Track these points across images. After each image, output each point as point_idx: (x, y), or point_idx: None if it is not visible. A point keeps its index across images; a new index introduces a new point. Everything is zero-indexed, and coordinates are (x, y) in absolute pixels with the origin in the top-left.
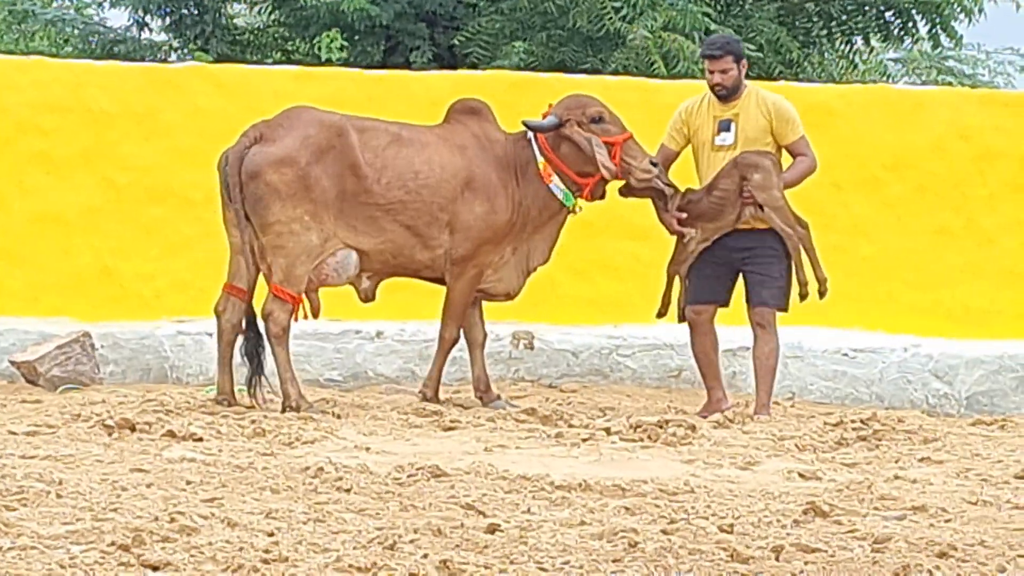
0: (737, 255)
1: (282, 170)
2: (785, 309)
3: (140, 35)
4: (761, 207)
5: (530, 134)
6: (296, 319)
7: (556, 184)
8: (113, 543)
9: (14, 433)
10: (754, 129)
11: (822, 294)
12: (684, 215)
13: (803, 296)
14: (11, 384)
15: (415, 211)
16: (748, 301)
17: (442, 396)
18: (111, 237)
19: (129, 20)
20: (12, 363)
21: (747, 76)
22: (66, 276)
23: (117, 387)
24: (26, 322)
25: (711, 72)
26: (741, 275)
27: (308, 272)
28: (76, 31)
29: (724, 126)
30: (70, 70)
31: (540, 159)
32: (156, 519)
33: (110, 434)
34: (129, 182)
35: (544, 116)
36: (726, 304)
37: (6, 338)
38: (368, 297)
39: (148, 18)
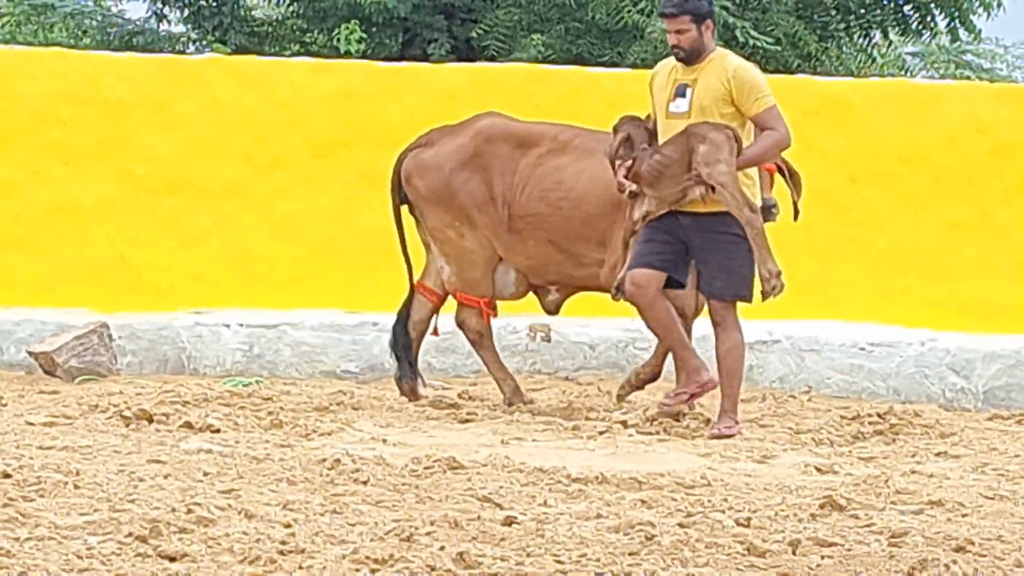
0: (687, 234)
1: (427, 176)
2: (746, 299)
3: (158, 27)
4: (714, 187)
5: None
6: (488, 320)
7: None
8: (130, 534)
9: (32, 424)
10: (710, 97)
11: (764, 294)
12: (630, 164)
13: (764, 294)
14: (29, 375)
15: (554, 225)
16: (701, 292)
17: (459, 390)
18: (128, 228)
19: (147, 12)
20: (30, 354)
21: (764, 69)
22: (82, 267)
23: (135, 378)
24: (43, 313)
25: (668, 32)
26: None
27: (484, 276)
28: (94, 23)
29: (680, 91)
30: (88, 61)
31: None
32: (173, 510)
33: (127, 425)
34: (146, 173)
35: None
36: (681, 284)
37: (24, 328)
38: (552, 310)
39: (166, 10)
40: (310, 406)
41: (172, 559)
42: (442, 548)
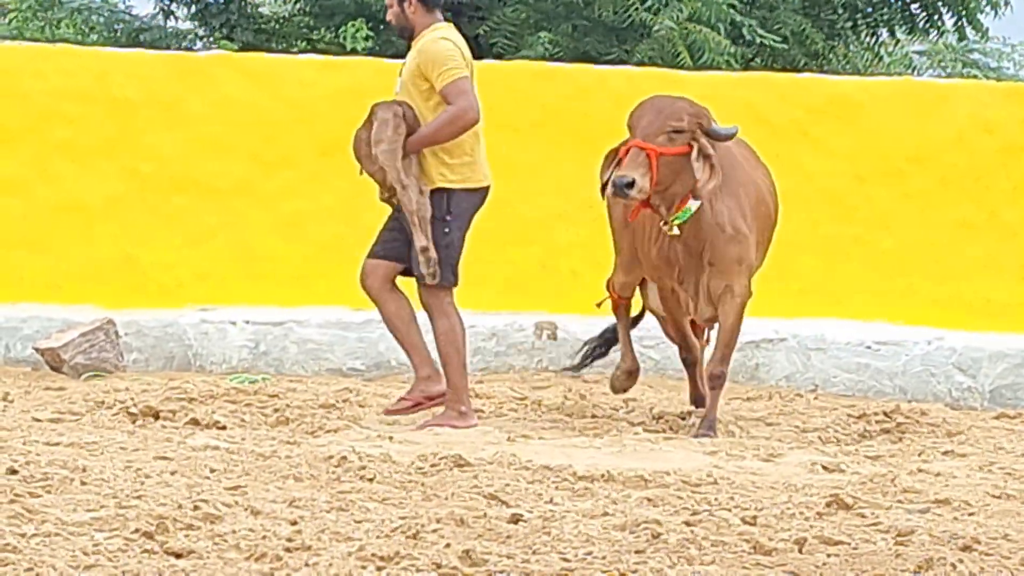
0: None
1: None
2: (446, 282)
3: (166, 23)
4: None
5: None
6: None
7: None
8: (137, 530)
9: (38, 420)
10: (408, 73)
11: (423, 275)
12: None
13: (423, 274)
14: (35, 371)
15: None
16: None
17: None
18: (134, 225)
19: (155, 8)
20: (36, 350)
21: (771, 67)
22: (89, 264)
23: (141, 375)
24: (50, 309)
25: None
26: None
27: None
28: (101, 19)
29: (401, 71)
30: (95, 58)
31: None
32: (180, 507)
33: (134, 422)
34: (153, 171)
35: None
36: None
37: (30, 325)
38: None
39: (174, 6)
40: (316, 403)
41: (179, 556)
42: (448, 545)
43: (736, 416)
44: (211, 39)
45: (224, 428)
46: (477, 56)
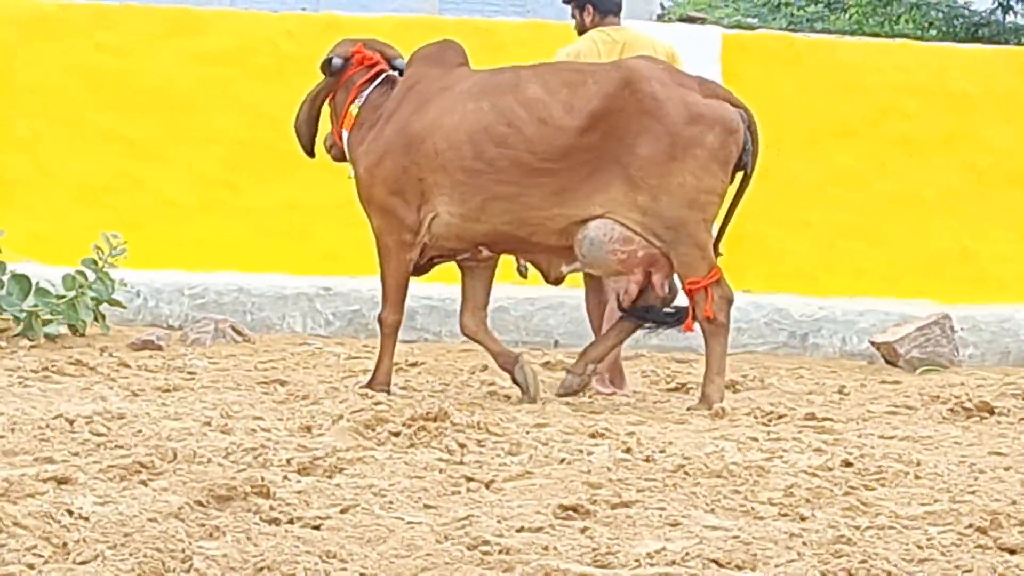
0: None
1: None
2: None
3: (1004, 18)
4: None
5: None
6: None
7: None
8: (970, 525)
9: (873, 413)
10: None
11: None
12: None
13: None
14: (870, 364)
15: None
16: None
17: None
18: (970, 220)
19: (993, 3)
20: (872, 344)
21: None
22: (925, 258)
23: (976, 370)
24: (886, 303)
25: None
26: None
27: None
28: (940, 14)
29: None
30: (934, 53)
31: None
32: (1013, 503)
33: (968, 417)
34: (990, 165)
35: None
36: None
37: (867, 318)
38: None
39: (1012, 1)
40: None
41: (1012, 552)
42: None
43: None
44: None
45: None
46: None
